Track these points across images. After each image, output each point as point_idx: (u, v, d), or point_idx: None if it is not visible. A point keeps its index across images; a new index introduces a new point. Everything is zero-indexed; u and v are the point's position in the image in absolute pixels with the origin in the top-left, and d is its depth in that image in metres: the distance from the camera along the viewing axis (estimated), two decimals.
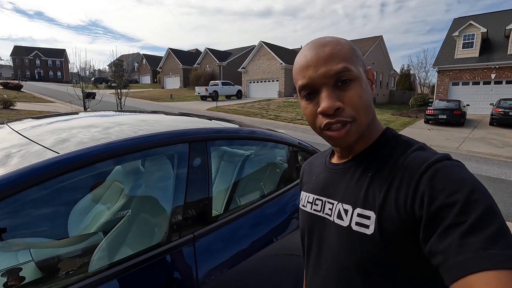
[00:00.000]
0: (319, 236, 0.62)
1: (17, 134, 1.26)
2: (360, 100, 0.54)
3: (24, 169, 0.87)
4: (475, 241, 0.39)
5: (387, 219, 0.49)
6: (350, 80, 0.54)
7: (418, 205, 0.46)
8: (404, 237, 0.48)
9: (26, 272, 1.06)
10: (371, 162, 0.57)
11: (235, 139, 1.51)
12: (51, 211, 1.46)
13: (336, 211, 0.58)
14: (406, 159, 0.52)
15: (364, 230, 0.52)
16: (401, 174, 0.50)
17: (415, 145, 0.55)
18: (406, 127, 13.20)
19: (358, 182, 0.56)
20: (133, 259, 0.97)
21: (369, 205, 0.52)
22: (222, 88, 23.93)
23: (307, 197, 0.68)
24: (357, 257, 0.53)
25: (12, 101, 12.09)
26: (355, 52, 0.57)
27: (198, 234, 1.07)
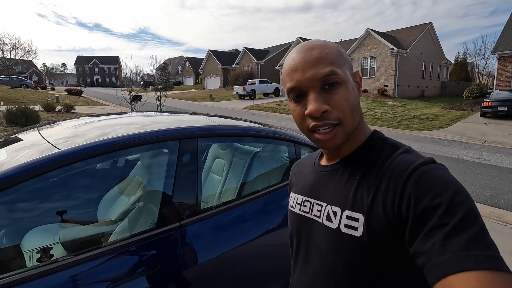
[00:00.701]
0: (307, 238, 0.64)
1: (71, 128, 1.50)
2: (347, 103, 0.55)
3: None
4: (456, 242, 0.41)
5: (375, 221, 0.51)
6: (337, 83, 0.55)
7: (405, 207, 0.47)
8: (392, 239, 0.49)
9: (54, 251, 1.25)
10: (359, 164, 0.58)
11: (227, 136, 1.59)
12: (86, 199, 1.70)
13: (325, 213, 0.59)
14: (393, 162, 0.53)
15: (353, 232, 0.53)
16: (388, 176, 0.52)
17: (402, 148, 0.56)
18: (458, 121, 11.99)
19: (346, 184, 0.58)
20: (128, 240, 1.11)
21: (358, 207, 0.54)
22: (260, 86, 24.11)
23: (296, 198, 0.70)
24: (346, 259, 0.54)
25: (73, 105, 13.69)
26: (342, 55, 0.58)
27: (184, 223, 1.18)
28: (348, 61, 0.59)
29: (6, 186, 0.95)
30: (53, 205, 1.50)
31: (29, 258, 1.18)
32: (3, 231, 1.28)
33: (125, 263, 1.07)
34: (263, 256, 1.43)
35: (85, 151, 1.10)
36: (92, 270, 1.01)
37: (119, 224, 1.36)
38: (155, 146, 1.29)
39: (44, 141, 1.25)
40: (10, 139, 1.48)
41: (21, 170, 0.98)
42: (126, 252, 1.08)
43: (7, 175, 0.96)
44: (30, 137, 1.40)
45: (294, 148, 1.76)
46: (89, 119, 1.72)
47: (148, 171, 1.52)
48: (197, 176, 1.27)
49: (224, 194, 1.72)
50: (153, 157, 1.45)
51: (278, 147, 1.89)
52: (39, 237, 1.32)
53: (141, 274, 1.06)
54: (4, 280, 0.90)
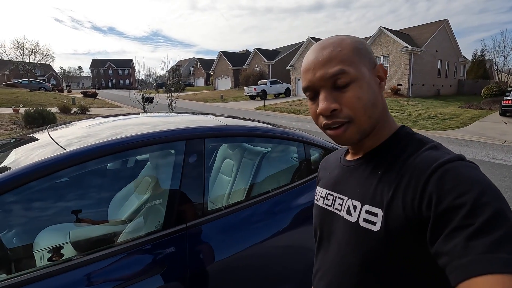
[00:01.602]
0: (329, 230, 0.65)
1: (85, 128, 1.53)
2: (359, 101, 0.55)
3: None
4: (481, 244, 0.39)
5: (394, 218, 0.50)
6: (347, 81, 0.55)
7: (425, 206, 0.46)
8: (409, 236, 0.49)
9: (64, 250, 1.27)
10: (382, 160, 0.58)
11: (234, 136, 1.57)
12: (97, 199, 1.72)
13: (346, 207, 0.60)
14: (417, 158, 0.52)
15: (371, 226, 0.53)
16: (410, 173, 0.51)
17: (428, 144, 0.55)
18: (476, 120, 11.60)
19: (368, 179, 0.58)
20: (136, 241, 1.11)
21: (377, 202, 0.53)
22: (270, 87, 24.07)
23: (320, 192, 0.72)
24: (362, 252, 0.55)
25: (88, 107, 14.05)
26: (359, 51, 0.57)
27: (190, 224, 1.17)
28: (367, 56, 0.58)
29: (16, 185, 0.96)
30: (64, 205, 1.52)
31: (40, 258, 1.20)
32: (14, 230, 1.30)
33: (132, 264, 1.06)
34: (271, 258, 1.40)
35: (93, 151, 1.10)
36: (100, 271, 1.01)
37: (128, 224, 1.37)
38: (162, 147, 1.29)
39: (51, 142, 1.27)
40: (22, 139, 1.51)
41: (31, 169, 0.99)
42: (133, 253, 1.08)
43: (17, 175, 0.97)
44: (41, 137, 1.43)
45: (303, 148, 1.73)
46: (96, 120, 1.74)
47: (156, 172, 1.52)
48: (203, 177, 1.25)
49: (233, 195, 1.71)
50: (160, 158, 1.45)
51: (287, 147, 1.85)
52: (50, 237, 1.34)
53: (148, 275, 1.06)
54: (15, 279, 0.91)
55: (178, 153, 1.26)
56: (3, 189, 0.94)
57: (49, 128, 1.59)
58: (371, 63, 0.58)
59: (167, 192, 1.23)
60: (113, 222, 1.58)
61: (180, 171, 1.21)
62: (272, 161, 1.81)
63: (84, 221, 1.42)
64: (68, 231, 1.35)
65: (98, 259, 1.02)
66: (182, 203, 1.21)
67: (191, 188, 1.23)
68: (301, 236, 1.48)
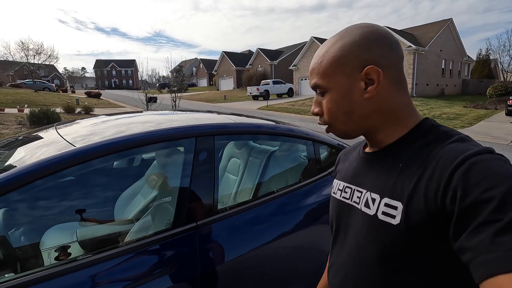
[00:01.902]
0: (346, 223, 0.64)
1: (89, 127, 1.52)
2: (329, 110, 0.60)
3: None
4: (509, 240, 0.37)
5: (415, 211, 0.49)
6: (323, 91, 0.60)
7: (449, 200, 0.44)
8: (430, 231, 0.47)
9: (72, 249, 1.25)
10: (403, 152, 0.56)
11: (245, 134, 1.54)
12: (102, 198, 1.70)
13: (364, 200, 0.59)
14: (442, 150, 0.50)
15: (390, 220, 0.52)
16: (434, 165, 0.49)
17: (455, 136, 0.52)
18: (481, 120, 11.49)
19: (387, 171, 0.57)
20: (145, 240, 1.08)
21: (397, 195, 0.52)
22: (273, 87, 24.02)
23: (338, 185, 0.71)
24: (380, 246, 0.54)
25: (91, 107, 14.13)
26: (338, 60, 0.58)
27: (201, 223, 1.15)
28: (351, 62, 0.57)
29: (23, 183, 0.94)
30: (71, 204, 1.50)
31: (48, 256, 1.19)
32: (21, 229, 1.29)
33: (142, 263, 1.04)
34: (281, 258, 1.37)
35: (101, 148, 1.08)
36: (109, 270, 0.99)
37: (136, 223, 1.35)
38: (171, 144, 1.27)
39: (61, 139, 1.25)
40: (29, 137, 1.50)
41: (38, 167, 0.97)
42: (143, 252, 1.05)
43: (23, 173, 0.95)
44: (48, 135, 1.41)
45: (313, 146, 1.70)
46: (102, 118, 1.72)
47: (165, 169, 1.50)
48: (213, 175, 1.23)
49: (240, 194, 1.69)
50: (169, 156, 1.42)
51: (296, 146, 1.83)
52: (57, 236, 1.33)
53: (159, 275, 1.04)
54: (22, 279, 0.89)
55: (188, 150, 1.23)
56: (9, 187, 0.92)
57: (57, 126, 1.57)
58: (356, 68, 0.56)
59: (176, 190, 1.21)
60: (120, 221, 1.56)
61: (190, 169, 1.18)
62: (280, 159, 1.79)
63: (90, 220, 1.41)
64: (74, 230, 1.34)
65: (106, 258, 0.99)
66: (192, 201, 1.18)
67: (201, 186, 1.20)
68: (312, 236, 1.45)
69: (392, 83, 0.58)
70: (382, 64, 0.56)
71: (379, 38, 0.57)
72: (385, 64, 0.56)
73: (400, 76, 0.59)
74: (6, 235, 1.20)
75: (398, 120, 0.59)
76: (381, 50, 0.56)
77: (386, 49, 0.57)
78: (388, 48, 0.57)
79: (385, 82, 0.57)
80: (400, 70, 0.59)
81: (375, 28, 0.58)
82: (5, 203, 1.06)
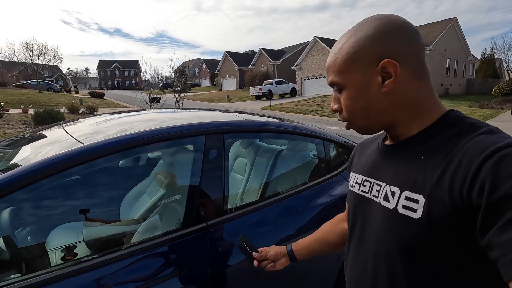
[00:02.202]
0: (364, 217, 0.63)
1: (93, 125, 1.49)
2: (347, 107, 0.60)
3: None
4: None
5: (437, 205, 0.47)
6: (340, 88, 0.60)
7: (476, 193, 0.42)
8: (453, 225, 0.46)
9: (78, 249, 1.23)
10: (425, 144, 0.54)
11: (256, 132, 1.51)
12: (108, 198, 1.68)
13: (383, 193, 0.58)
14: (468, 142, 0.48)
15: (411, 213, 0.50)
16: (460, 157, 0.46)
17: (483, 128, 0.50)
18: (487, 120, 11.38)
19: (409, 164, 0.55)
20: (154, 240, 1.05)
21: (419, 188, 0.50)
22: (276, 87, 23.99)
23: (356, 178, 0.69)
24: (401, 240, 0.52)
25: (95, 107, 14.21)
26: (352, 56, 0.56)
27: (211, 223, 1.12)
28: (366, 56, 0.55)
29: (28, 182, 0.92)
30: (76, 203, 1.48)
31: (54, 257, 1.17)
32: (28, 228, 1.27)
33: (152, 264, 1.01)
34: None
35: (108, 146, 1.06)
36: (117, 272, 0.97)
37: (142, 223, 1.32)
38: (180, 142, 1.23)
39: (68, 137, 1.23)
40: (35, 135, 1.48)
41: (43, 166, 0.95)
42: (152, 253, 1.03)
43: (29, 171, 0.93)
44: (55, 133, 1.39)
45: (322, 145, 1.66)
46: (111, 116, 1.70)
47: (172, 168, 1.47)
48: (223, 173, 1.20)
49: (247, 194, 1.66)
50: (177, 154, 1.39)
51: (304, 144, 1.79)
52: (64, 236, 1.31)
53: (169, 277, 1.01)
54: (28, 281, 0.87)
55: (197, 148, 1.20)
56: (14, 186, 0.90)
57: (63, 124, 1.55)
58: (371, 62, 0.55)
59: (186, 189, 1.18)
60: (127, 221, 1.54)
61: (200, 167, 1.15)
62: (288, 159, 1.76)
63: (96, 220, 1.39)
64: (80, 230, 1.32)
65: (115, 259, 0.97)
66: (202, 201, 1.15)
67: (211, 185, 1.17)
68: None
69: (412, 75, 0.55)
70: (399, 56, 0.54)
71: (393, 29, 0.54)
72: (402, 56, 0.54)
73: (421, 67, 0.56)
74: (12, 235, 1.18)
75: (419, 112, 0.57)
76: (397, 42, 0.54)
77: (402, 40, 0.54)
78: (404, 38, 0.54)
79: (403, 74, 0.54)
80: (420, 60, 0.56)
81: (389, 20, 0.55)
82: (10, 202, 1.04)
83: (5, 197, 0.88)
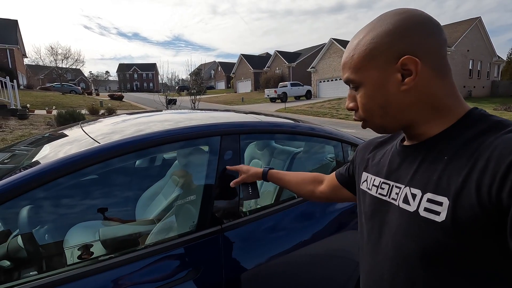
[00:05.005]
0: (381, 221, 0.60)
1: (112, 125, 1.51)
2: (364, 105, 0.58)
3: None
4: None
5: (464, 207, 0.44)
6: (356, 86, 0.58)
7: (507, 193, 0.40)
8: (481, 228, 0.43)
9: (94, 248, 1.24)
10: (448, 144, 0.52)
11: (272, 133, 1.48)
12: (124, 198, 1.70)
13: (403, 195, 0.55)
14: (496, 140, 0.45)
15: (434, 216, 0.48)
16: (487, 156, 0.44)
17: (511, 126, 0.48)
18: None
19: (430, 165, 0.52)
20: (168, 243, 1.04)
21: (442, 190, 0.48)
22: (291, 89, 23.88)
23: (372, 180, 0.66)
24: (422, 245, 0.50)
25: (114, 109, 14.68)
26: (371, 52, 0.54)
27: (225, 226, 1.09)
28: (385, 52, 0.53)
29: (46, 180, 0.93)
30: (93, 202, 1.50)
31: (71, 255, 1.18)
32: (46, 227, 1.29)
33: (166, 267, 1.00)
34: (308, 265, 1.30)
35: (123, 146, 1.06)
36: (130, 274, 0.96)
37: (157, 224, 1.32)
38: (196, 142, 1.22)
39: (86, 136, 1.25)
40: (55, 135, 1.51)
41: (59, 165, 0.96)
42: (167, 255, 1.01)
43: (45, 170, 0.94)
44: (73, 133, 1.42)
45: (341, 147, 1.61)
46: (128, 116, 1.71)
47: (188, 169, 1.46)
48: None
49: (262, 197, 1.62)
50: (193, 154, 1.38)
51: (322, 146, 1.74)
52: (81, 234, 1.33)
53: (183, 280, 0.99)
54: (45, 279, 0.88)
55: (213, 149, 1.19)
56: (33, 184, 0.91)
57: (82, 124, 1.58)
58: (390, 59, 0.53)
59: (201, 191, 1.16)
60: (142, 221, 1.54)
61: (215, 169, 1.14)
62: (304, 161, 1.72)
63: (114, 219, 1.39)
64: (97, 228, 1.33)
65: (130, 260, 0.96)
66: (217, 203, 1.13)
67: (226, 187, 1.15)
68: (341, 243, 1.37)
69: (433, 72, 0.53)
70: (420, 52, 0.51)
71: (414, 24, 0.52)
72: (423, 52, 0.51)
73: (442, 64, 0.53)
74: (32, 233, 1.20)
75: (441, 111, 0.54)
76: (417, 38, 0.51)
77: (423, 35, 0.51)
78: (426, 34, 0.52)
79: (424, 71, 0.52)
80: (442, 57, 0.53)
81: (409, 14, 0.53)
82: (29, 200, 1.06)
83: (23, 195, 0.89)
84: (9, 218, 1.11)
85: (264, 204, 1.45)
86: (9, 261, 0.99)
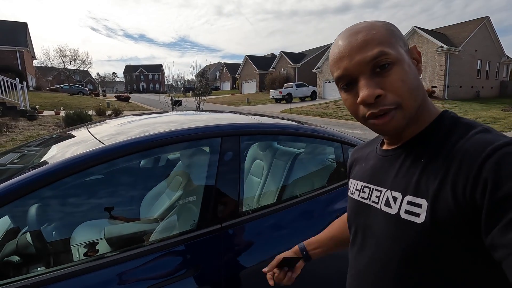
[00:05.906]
0: (364, 224, 0.61)
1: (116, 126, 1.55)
2: (404, 83, 0.50)
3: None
4: None
5: (442, 207, 0.46)
6: (389, 64, 0.50)
7: (479, 193, 0.42)
8: (459, 228, 0.45)
9: (99, 246, 1.28)
10: (424, 147, 0.53)
11: (272, 134, 1.50)
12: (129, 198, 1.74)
13: (384, 199, 0.56)
14: (467, 142, 0.47)
15: (414, 218, 0.49)
16: (460, 158, 0.46)
17: (478, 127, 0.50)
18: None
19: (409, 169, 0.53)
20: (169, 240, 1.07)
21: (421, 192, 0.49)
22: (296, 90, 23.85)
23: (355, 185, 0.67)
24: (404, 246, 0.51)
25: (121, 110, 14.85)
26: (393, 33, 0.53)
27: (225, 225, 1.12)
28: (402, 38, 0.54)
29: (53, 180, 0.97)
30: (99, 202, 1.55)
31: (77, 252, 1.22)
32: (53, 224, 1.33)
33: (166, 264, 1.03)
34: (308, 265, 1.31)
35: (127, 146, 1.09)
36: (134, 270, 0.99)
37: (160, 223, 1.35)
38: (197, 144, 1.25)
39: (91, 137, 1.29)
40: (62, 136, 1.56)
41: (64, 165, 0.99)
42: (168, 252, 1.05)
43: (51, 170, 0.98)
44: (79, 134, 1.46)
45: (341, 149, 1.63)
46: (134, 117, 1.75)
47: (189, 170, 1.50)
48: (239, 176, 1.20)
49: (264, 197, 1.65)
50: (194, 155, 1.42)
51: (322, 148, 1.76)
52: (87, 232, 1.37)
53: (183, 277, 1.02)
54: (53, 273, 0.91)
55: (213, 150, 1.22)
56: (41, 183, 0.95)
57: (88, 125, 1.63)
58: (405, 44, 0.55)
59: (201, 191, 1.19)
60: (146, 220, 1.58)
61: (216, 169, 1.17)
62: (306, 162, 1.73)
63: (119, 218, 1.43)
64: (103, 227, 1.37)
65: (132, 257, 0.99)
66: (217, 202, 1.16)
67: (226, 187, 1.18)
68: None
69: None
70: None
71: (397, 30, 0.56)
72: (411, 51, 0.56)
73: None
74: (41, 230, 1.24)
75: (425, 109, 0.55)
76: (404, 39, 0.56)
77: (404, 38, 0.56)
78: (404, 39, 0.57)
79: None
80: None
81: (388, 23, 0.57)
82: (38, 198, 1.10)
83: (32, 194, 0.93)
84: (18, 216, 1.15)
85: (264, 203, 1.47)
86: (18, 256, 1.03)
